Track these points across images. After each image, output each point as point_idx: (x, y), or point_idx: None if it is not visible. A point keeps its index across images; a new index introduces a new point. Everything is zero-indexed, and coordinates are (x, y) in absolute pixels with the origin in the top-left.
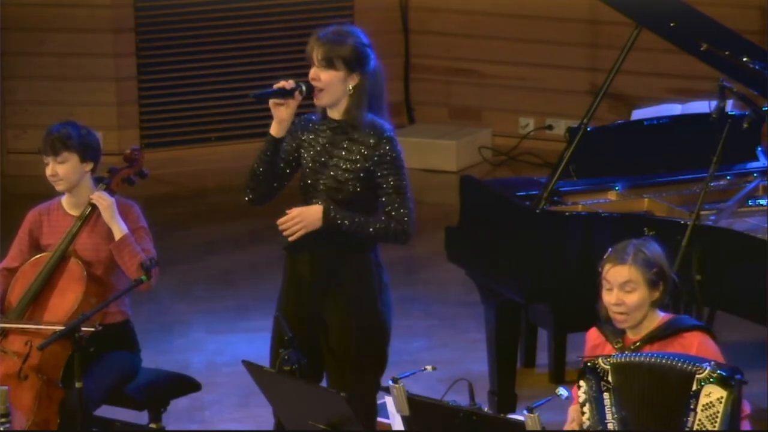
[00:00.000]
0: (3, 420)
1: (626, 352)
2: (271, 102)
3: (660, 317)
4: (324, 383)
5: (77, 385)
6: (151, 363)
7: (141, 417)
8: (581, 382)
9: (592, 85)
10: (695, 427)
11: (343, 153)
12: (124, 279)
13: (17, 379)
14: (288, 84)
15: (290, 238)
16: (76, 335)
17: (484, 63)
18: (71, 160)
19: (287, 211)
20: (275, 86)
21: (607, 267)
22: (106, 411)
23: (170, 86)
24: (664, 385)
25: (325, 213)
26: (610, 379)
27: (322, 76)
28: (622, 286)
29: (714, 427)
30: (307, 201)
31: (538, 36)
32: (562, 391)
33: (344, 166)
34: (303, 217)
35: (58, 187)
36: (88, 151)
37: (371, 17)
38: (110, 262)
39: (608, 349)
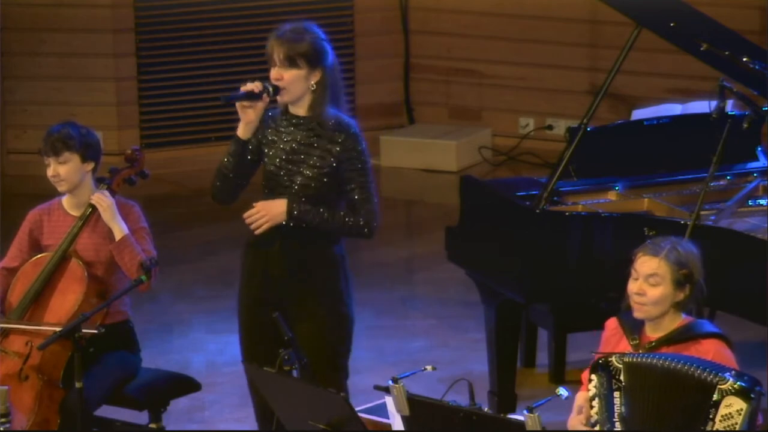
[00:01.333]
0: (3, 420)
1: (641, 351)
2: (238, 105)
3: (681, 319)
4: None
5: (77, 385)
6: (151, 363)
7: (141, 417)
8: (593, 376)
9: (592, 85)
10: None
11: (313, 151)
12: (125, 279)
13: (18, 380)
14: (256, 87)
15: (256, 232)
16: (76, 335)
17: (484, 63)
18: (72, 161)
19: (253, 204)
20: (243, 89)
21: (638, 256)
22: (106, 411)
23: (170, 86)
24: (681, 391)
25: (289, 207)
26: (621, 378)
27: (285, 75)
28: (648, 278)
29: None
30: (273, 196)
31: (538, 36)
32: (562, 391)
33: (315, 164)
34: (267, 211)
35: (60, 188)
36: (89, 151)
37: (371, 17)
38: (111, 262)
39: (623, 343)
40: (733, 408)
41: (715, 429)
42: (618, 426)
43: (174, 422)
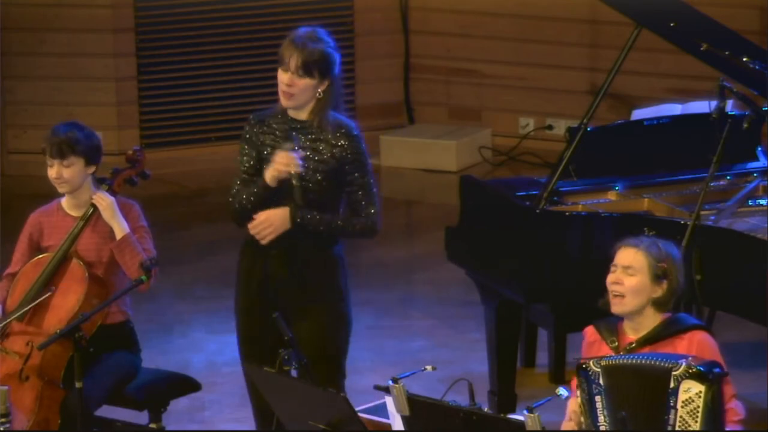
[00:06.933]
0: (3, 420)
1: (621, 353)
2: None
3: (661, 317)
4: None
5: (77, 385)
6: (151, 363)
7: (141, 417)
8: (578, 382)
9: (592, 85)
10: (678, 425)
11: (313, 155)
12: (126, 279)
13: (18, 380)
14: (290, 169)
15: (262, 242)
16: (76, 335)
17: (484, 63)
18: (77, 164)
19: (254, 217)
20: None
21: (618, 250)
22: (106, 411)
23: (170, 86)
24: (646, 385)
25: (293, 215)
26: (601, 381)
27: (298, 83)
28: (626, 269)
29: (696, 423)
30: (278, 201)
31: (538, 36)
32: (562, 391)
33: (317, 168)
34: (271, 222)
35: (61, 189)
36: (94, 154)
37: (371, 17)
38: (112, 262)
39: (604, 347)
40: (692, 392)
41: (679, 416)
42: (602, 428)
43: (174, 422)
